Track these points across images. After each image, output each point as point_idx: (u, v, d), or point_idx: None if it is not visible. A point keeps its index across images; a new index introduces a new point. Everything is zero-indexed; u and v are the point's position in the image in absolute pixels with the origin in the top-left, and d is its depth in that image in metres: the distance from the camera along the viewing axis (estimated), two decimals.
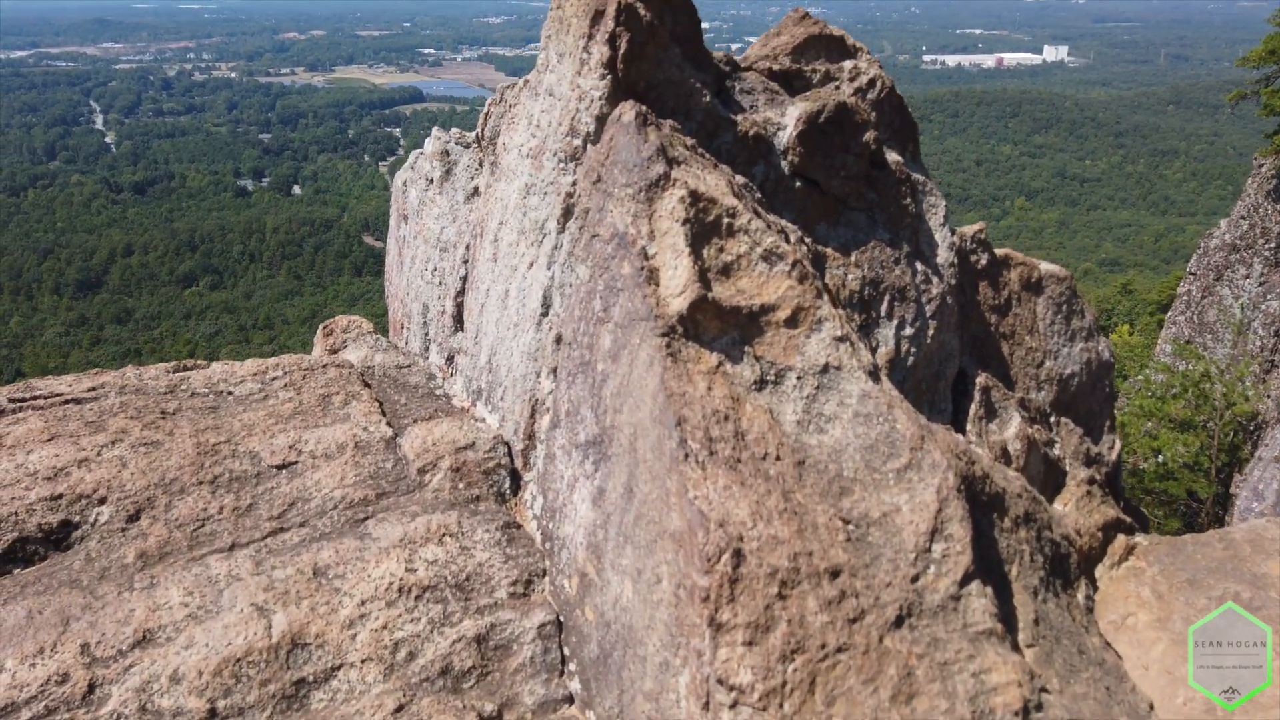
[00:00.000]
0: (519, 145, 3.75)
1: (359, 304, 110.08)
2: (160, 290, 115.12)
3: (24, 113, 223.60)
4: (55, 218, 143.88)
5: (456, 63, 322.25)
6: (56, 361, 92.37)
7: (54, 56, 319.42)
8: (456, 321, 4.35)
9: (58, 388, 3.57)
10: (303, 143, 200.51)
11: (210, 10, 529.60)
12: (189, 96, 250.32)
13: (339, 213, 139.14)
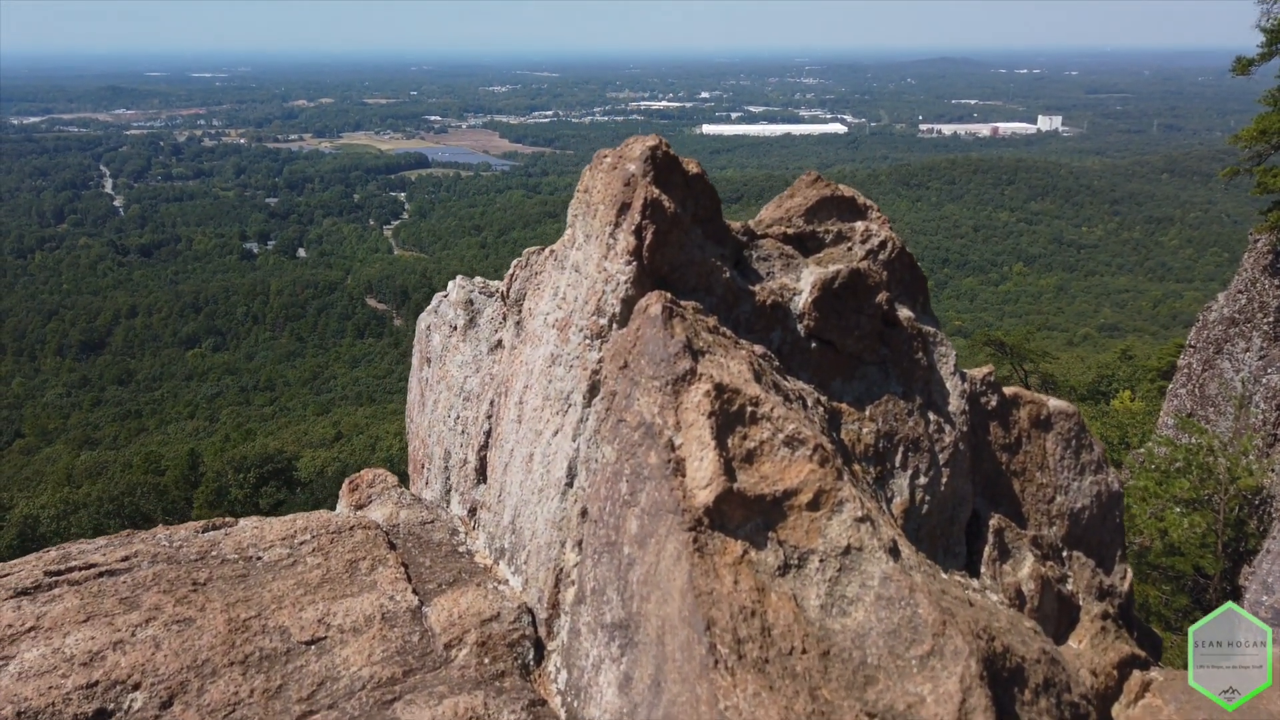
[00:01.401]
0: (544, 313, 3.87)
1: (360, 365, 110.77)
2: (163, 352, 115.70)
3: (34, 177, 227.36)
4: (61, 279, 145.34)
5: (461, 129, 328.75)
6: (57, 423, 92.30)
7: (66, 122, 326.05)
8: (479, 474, 4.41)
9: (93, 557, 3.57)
10: (309, 206, 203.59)
11: (222, 78, 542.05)
12: (198, 161, 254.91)
13: (343, 275, 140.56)
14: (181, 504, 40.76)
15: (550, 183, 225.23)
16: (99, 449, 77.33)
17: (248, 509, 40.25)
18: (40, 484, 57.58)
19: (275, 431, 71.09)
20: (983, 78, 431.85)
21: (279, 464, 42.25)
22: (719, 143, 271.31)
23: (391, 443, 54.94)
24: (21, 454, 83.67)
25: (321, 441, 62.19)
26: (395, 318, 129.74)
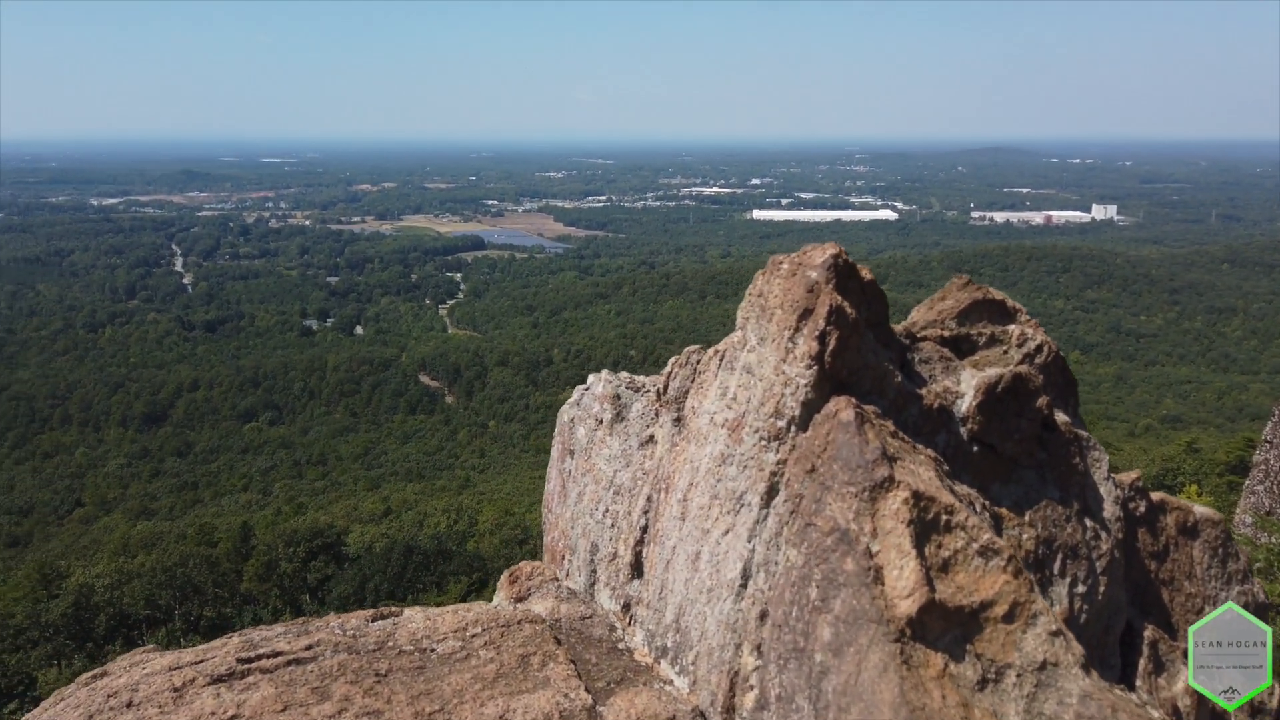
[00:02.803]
0: (710, 412, 3.93)
1: (411, 441, 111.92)
2: (221, 425, 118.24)
3: (110, 254, 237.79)
4: (129, 353, 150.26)
5: (517, 213, 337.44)
6: (116, 492, 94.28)
7: (143, 204, 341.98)
8: (634, 569, 4.42)
9: (278, 644, 3.67)
10: (368, 286, 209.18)
11: (291, 163, 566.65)
12: (264, 241, 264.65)
13: (398, 352, 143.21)
14: (232, 576, 41.04)
15: (602, 265, 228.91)
16: (155, 519, 78.67)
17: (296, 583, 40.39)
18: (97, 553, 58.55)
19: (326, 506, 71.73)
20: (1035, 166, 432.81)
21: (328, 538, 42.50)
22: (769, 227, 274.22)
23: (439, 519, 55.08)
24: (81, 523, 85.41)
25: (371, 517, 62.53)
26: (447, 395, 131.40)
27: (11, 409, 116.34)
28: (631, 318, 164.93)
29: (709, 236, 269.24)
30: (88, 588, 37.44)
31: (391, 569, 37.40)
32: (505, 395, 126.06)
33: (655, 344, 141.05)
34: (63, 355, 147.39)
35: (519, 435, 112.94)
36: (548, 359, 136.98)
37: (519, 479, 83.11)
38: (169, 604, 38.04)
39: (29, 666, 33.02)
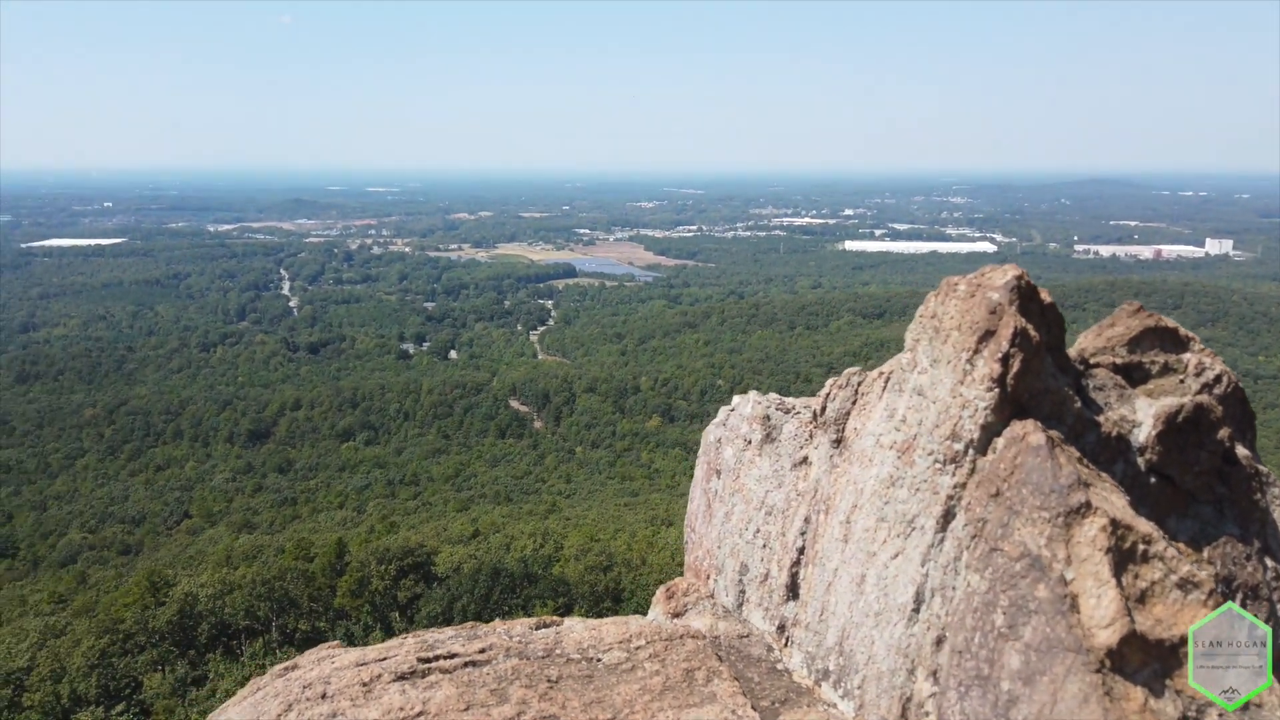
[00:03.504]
0: (875, 434, 3.89)
1: (500, 465, 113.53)
2: (321, 443, 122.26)
3: (223, 278, 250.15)
4: (237, 372, 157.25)
5: (608, 242, 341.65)
6: (220, 505, 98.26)
7: (255, 230, 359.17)
8: (790, 591, 4.40)
9: (452, 646, 3.83)
10: (463, 311, 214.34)
11: (393, 193, 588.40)
12: (366, 268, 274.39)
13: (489, 377, 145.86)
14: (326, 591, 42.07)
15: (691, 294, 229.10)
16: (256, 533, 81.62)
17: (387, 600, 41.20)
18: (202, 564, 60.99)
19: (417, 525, 73.15)
20: (1143, 199, 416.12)
21: (419, 558, 43.21)
22: (861, 258, 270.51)
23: (526, 543, 55.53)
24: (188, 534, 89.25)
25: (459, 538, 63.50)
26: (536, 420, 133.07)
27: (129, 423, 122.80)
28: (719, 347, 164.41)
29: (799, 267, 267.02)
30: (192, 597, 38.95)
31: (479, 590, 37.86)
32: (592, 422, 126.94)
33: (743, 374, 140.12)
34: (177, 373, 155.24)
35: (605, 462, 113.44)
36: (635, 387, 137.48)
37: (604, 505, 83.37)
38: (267, 616, 39.28)
39: (135, 670, 34.48)
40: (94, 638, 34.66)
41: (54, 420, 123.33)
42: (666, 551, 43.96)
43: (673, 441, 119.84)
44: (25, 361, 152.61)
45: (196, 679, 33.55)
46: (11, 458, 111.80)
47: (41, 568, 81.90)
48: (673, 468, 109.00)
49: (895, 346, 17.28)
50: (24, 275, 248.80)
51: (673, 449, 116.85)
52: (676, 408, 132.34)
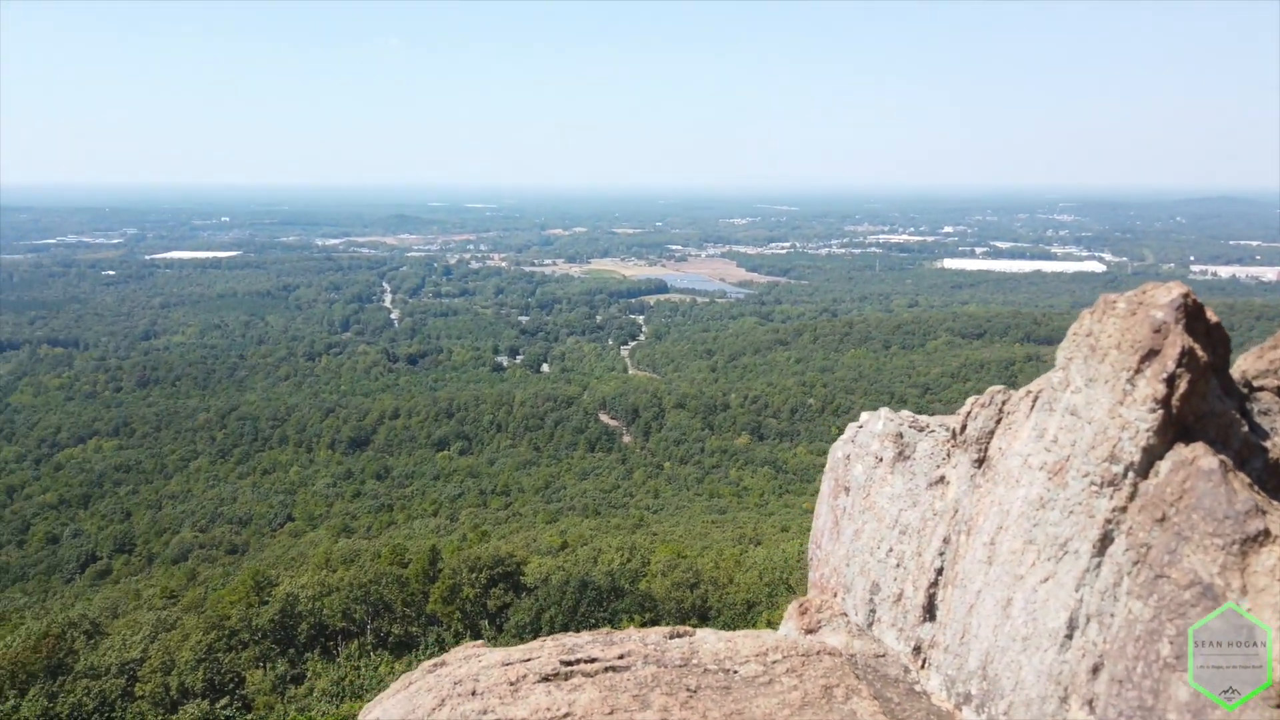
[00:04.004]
0: (1023, 454, 3.82)
1: (589, 478, 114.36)
2: (417, 451, 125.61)
3: (329, 290, 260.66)
4: (340, 381, 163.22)
5: (701, 258, 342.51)
6: (321, 509, 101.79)
7: (360, 245, 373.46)
8: (926, 612, 4.37)
9: (591, 650, 4.01)
10: (555, 325, 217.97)
11: (491, 209, 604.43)
12: (464, 281, 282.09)
13: (580, 391, 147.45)
14: (419, 597, 42.85)
15: (783, 311, 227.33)
16: (354, 537, 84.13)
17: (477, 608, 41.70)
18: (302, 565, 63.10)
19: (507, 535, 74.15)
20: (1266, 218, 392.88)
21: (508, 567, 43.66)
22: (961, 277, 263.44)
23: (613, 557, 55.54)
24: (290, 536, 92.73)
25: (548, 549, 63.97)
26: (625, 434, 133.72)
27: (239, 428, 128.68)
28: (811, 365, 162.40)
29: (895, 285, 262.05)
30: (293, 597, 40.24)
31: (567, 602, 37.92)
32: (681, 438, 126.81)
33: (835, 393, 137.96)
34: (284, 381, 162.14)
35: (693, 479, 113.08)
36: (725, 404, 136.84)
37: (691, 522, 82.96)
38: (363, 618, 40.25)
39: (239, 666, 35.77)
40: (201, 633, 36.09)
41: (171, 423, 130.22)
42: (754, 571, 43.26)
43: (762, 460, 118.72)
44: (146, 367, 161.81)
45: (295, 677, 34.55)
46: (132, 458, 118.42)
47: (155, 564, 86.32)
48: (761, 486, 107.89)
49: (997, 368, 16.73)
50: (147, 285, 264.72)
51: (762, 467, 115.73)
52: (766, 426, 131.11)
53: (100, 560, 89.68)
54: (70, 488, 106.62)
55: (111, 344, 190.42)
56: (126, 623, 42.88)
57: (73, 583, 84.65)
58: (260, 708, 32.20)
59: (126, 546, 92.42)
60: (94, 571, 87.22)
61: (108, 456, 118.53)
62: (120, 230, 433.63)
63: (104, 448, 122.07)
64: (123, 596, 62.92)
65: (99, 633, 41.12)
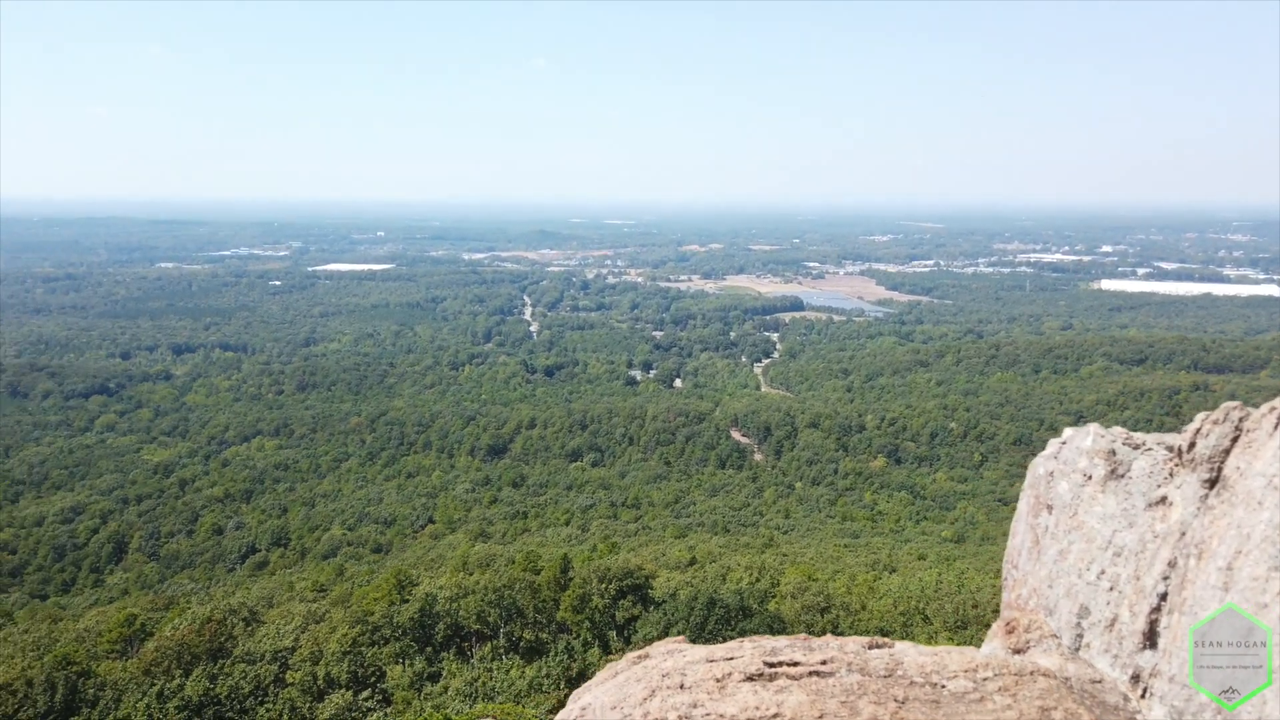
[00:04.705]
0: (1266, 475, 3.67)
1: (719, 495, 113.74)
2: (551, 461, 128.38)
3: (474, 303, 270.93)
4: (481, 390, 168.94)
5: (838, 275, 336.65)
6: (460, 514, 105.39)
7: (504, 259, 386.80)
8: (1146, 639, 4.20)
9: (792, 654, 4.08)
10: (689, 341, 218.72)
11: (629, 226, 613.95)
12: (601, 296, 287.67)
13: (712, 407, 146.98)
14: (550, 604, 43.65)
15: (924, 331, 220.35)
16: (490, 542, 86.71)
17: (605, 619, 42.14)
18: (441, 567, 65.52)
19: (636, 548, 74.63)
20: None
21: (637, 580, 43.85)
22: (1119, 299, 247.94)
23: (742, 575, 55.04)
24: (431, 538, 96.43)
25: (677, 564, 64.04)
26: (756, 452, 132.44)
27: (387, 432, 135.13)
28: (953, 388, 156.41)
29: (1047, 306, 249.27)
30: (432, 597, 41.85)
31: (695, 618, 37.86)
32: (814, 458, 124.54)
33: (979, 417, 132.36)
34: (430, 389, 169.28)
35: (825, 500, 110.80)
36: (860, 425, 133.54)
37: (823, 544, 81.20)
38: (496, 621, 41.40)
39: (380, 660, 37.47)
40: (347, 627, 38.00)
41: (325, 426, 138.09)
42: (888, 599, 41.95)
43: (898, 484, 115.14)
44: (305, 372, 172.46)
45: (432, 675, 35.83)
46: (290, 458, 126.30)
47: (308, 558, 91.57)
48: (897, 511, 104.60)
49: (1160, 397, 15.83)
50: (309, 295, 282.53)
51: (898, 492, 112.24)
52: (904, 449, 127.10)
53: (259, 552, 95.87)
54: (235, 483, 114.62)
55: (275, 350, 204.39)
56: (280, 612, 45.63)
57: (234, 572, 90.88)
58: (399, 702, 33.57)
59: (282, 540, 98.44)
60: (253, 563, 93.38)
61: (269, 455, 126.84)
62: (287, 243, 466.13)
63: (266, 447, 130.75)
64: (278, 587, 66.99)
65: (256, 620, 44.02)
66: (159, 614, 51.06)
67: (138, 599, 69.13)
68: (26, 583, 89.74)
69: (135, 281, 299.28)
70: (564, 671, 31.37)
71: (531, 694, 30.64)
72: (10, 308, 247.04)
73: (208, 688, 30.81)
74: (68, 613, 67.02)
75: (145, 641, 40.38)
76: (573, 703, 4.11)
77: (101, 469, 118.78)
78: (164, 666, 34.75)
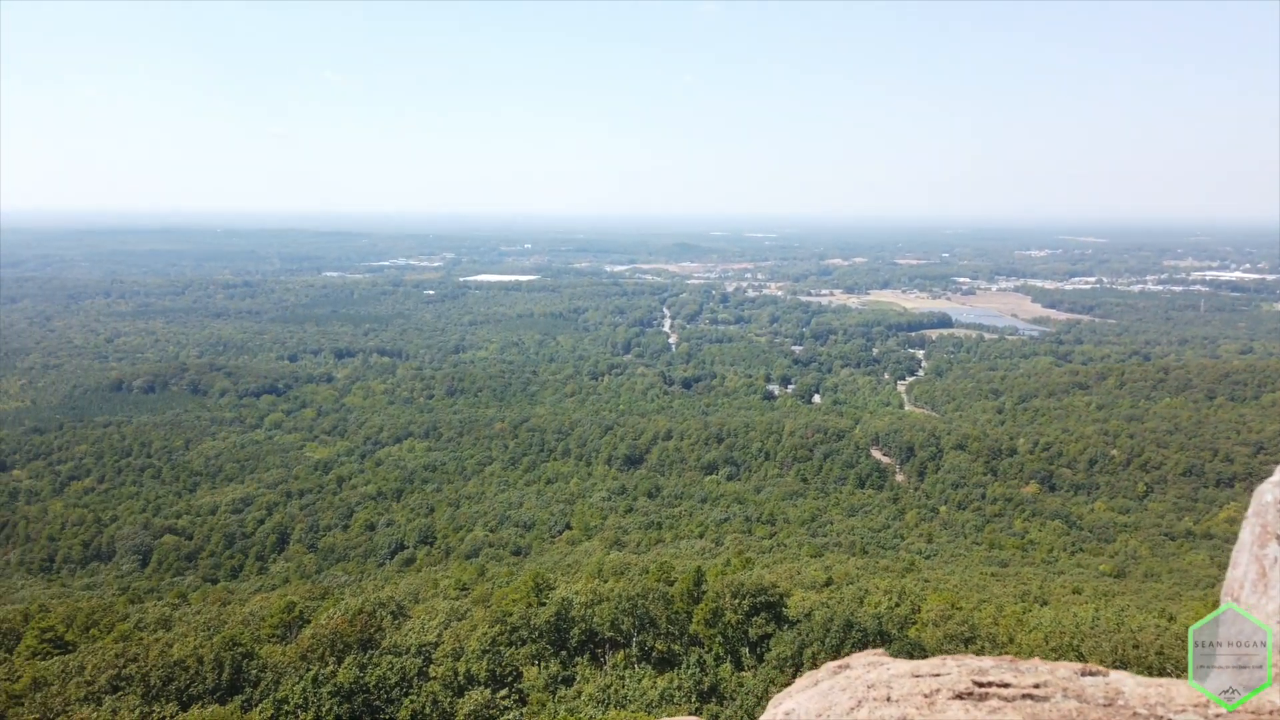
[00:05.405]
0: None
1: (858, 515, 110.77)
2: (687, 473, 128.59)
3: (614, 314, 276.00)
4: (619, 400, 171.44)
5: (990, 292, 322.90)
6: (596, 521, 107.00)
7: (644, 271, 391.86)
8: None
9: (1002, 675, 3.98)
10: (829, 357, 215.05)
11: (770, 239, 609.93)
12: (740, 309, 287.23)
13: (852, 424, 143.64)
14: (683, 616, 43.56)
15: (1084, 352, 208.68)
16: (624, 551, 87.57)
17: (738, 634, 41.67)
18: (577, 572, 66.62)
19: (771, 565, 73.58)
20: None
21: (771, 597, 43.22)
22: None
23: (880, 599, 53.27)
24: (567, 543, 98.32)
25: (812, 584, 62.70)
26: (898, 473, 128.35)
27: (528, 439, 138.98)
28: (1115, 413, 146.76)
29: (1224, 329, 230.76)
30: (568, 602, 42.58)
31: (830, 641, 36.94)
32: (960, 481, 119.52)
33: (1144, 445, 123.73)
34: (570, 397, 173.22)
35: (972, 526, 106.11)
36: (1011, 449, 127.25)
37: (968, 572, 77.70)
38: (629, 630, 41.67)
39: (517, 661, 38.38)
40: (487, 626, 39.16)
41: (471, 430, 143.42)
42: (1039, 633, 39.66)
43: (1051, 512, 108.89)
44: (454, 378, 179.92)
45: (566, 678, 36.40)
46: (437, 459, 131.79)
47: (451, 557, 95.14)
48: (1050, 541, 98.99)
49: None
50: (460, 305, 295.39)
51: (1051, 520, 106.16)
52: (1059, 476, 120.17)
53: (406, 549, 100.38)
54: (387, 482, 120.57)
55: (427, 356, 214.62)
56: (425, 608, 47.56)
57: (383, 567, 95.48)
58: (534, 704, 34.25)
59: (429, 539, 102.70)
60: (401, 558, 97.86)
61: (418, 456, 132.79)
62: (440, 254, 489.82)
63: (416, 448, 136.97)
64: (423, 584, 69.87)
65: (402, 614, 46.06)
66: (315, 603, 54.30)
67: (297, 587, 73.80)
68: (200, 567, 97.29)
69: (303, 289, 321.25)
70: (695, 685, 31.22)
71: (663, 705, 30.65)
72: (194, 311, 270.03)
73: (357, 676, 32.37)
74: (235, 597, 72.18)
75: (303, 628, 42.95)
76: (774, 707, 4.07)
77: (269, 464, 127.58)
78: (319, 653, 36.80)
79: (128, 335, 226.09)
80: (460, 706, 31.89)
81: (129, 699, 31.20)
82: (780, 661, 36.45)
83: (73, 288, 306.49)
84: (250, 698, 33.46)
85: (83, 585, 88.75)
